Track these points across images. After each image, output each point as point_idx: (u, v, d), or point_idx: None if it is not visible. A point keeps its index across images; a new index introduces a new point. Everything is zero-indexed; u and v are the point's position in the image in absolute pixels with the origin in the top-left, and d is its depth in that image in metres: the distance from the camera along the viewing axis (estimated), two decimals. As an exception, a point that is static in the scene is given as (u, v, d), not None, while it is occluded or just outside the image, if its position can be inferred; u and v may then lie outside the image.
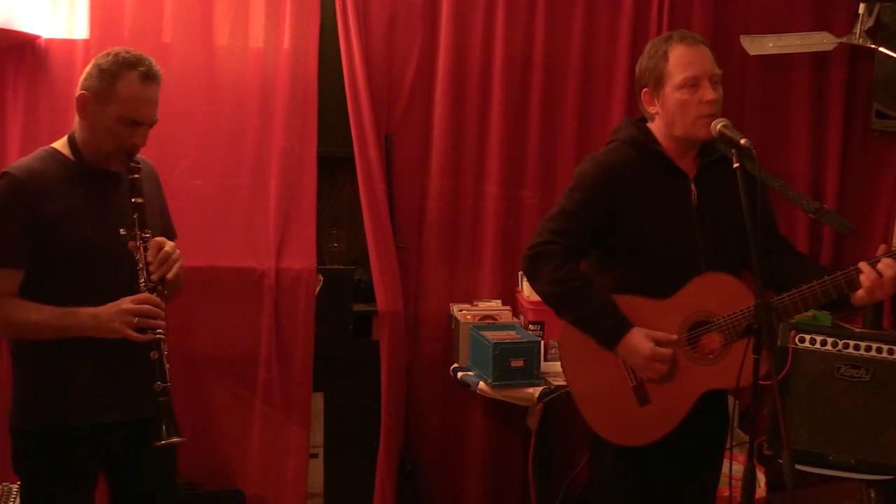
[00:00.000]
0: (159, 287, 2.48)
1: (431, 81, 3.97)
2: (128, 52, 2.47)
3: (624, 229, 2.62)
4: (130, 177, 2.49)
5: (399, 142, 3.96)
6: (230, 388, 3.80)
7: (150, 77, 2.46)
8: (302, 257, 3.80)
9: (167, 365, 2.45)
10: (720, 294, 2.55)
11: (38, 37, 3.55)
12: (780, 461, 2.19)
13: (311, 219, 3.82)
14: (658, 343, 2.56)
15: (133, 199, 2.48)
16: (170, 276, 2.51)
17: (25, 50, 3.56)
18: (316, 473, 3.94)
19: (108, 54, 2.47)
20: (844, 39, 3.96)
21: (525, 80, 4.02)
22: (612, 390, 2.66)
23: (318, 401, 3.92)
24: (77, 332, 2.40)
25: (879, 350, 3.36)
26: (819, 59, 4.16)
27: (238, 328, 3.78)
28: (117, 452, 2.56)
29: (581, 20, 4.03)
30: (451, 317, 3.98)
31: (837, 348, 3.39)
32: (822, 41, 3.98)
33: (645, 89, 2.66)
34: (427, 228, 4.02)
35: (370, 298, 3.89)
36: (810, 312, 3.60)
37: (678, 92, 2.56)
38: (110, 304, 2.41)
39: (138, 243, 2.47)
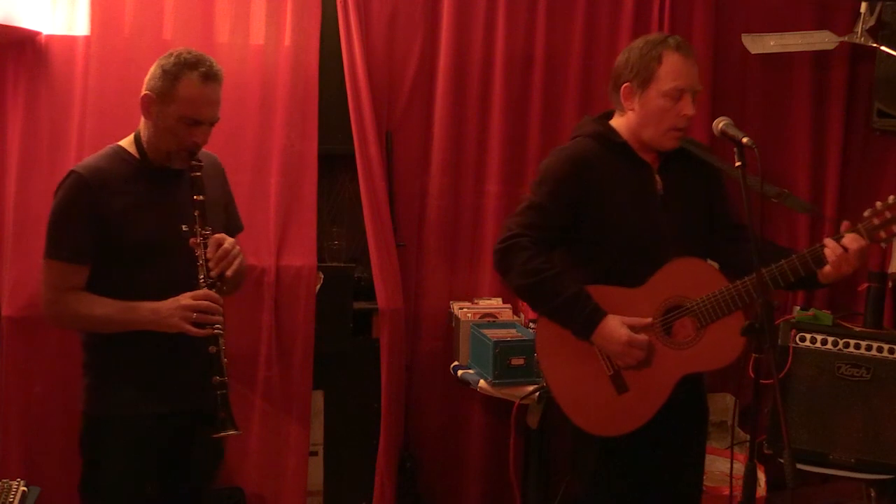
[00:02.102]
0: (218, 283, 2.55)
1: (432, 79, 3.96)
2: (189, 53, 2.53)
3: (592, 221, 2.65)
4: (191, 174, 2.56)
5: (400, 139, 3.95)
6: (230, 386, 3.78)
7: (210, 77, 2.52)
8: (302, 255, 3.79)
9: (225, 359, 2.53)
10: (691, 278, 2.58)
11: (38, 33, 3.54)
12: (781, 460, 2.19)
13: (312, 216, 3.82)
14: (633, 328, 2.58)
15: (194, 197, 2.55)
16: (229, 273, 2.58)
17: (26, 46, 3.55)
18: (316, 471, 3.93)
19: (171, 55, 2.53)
20: (846, 38, 3.96)
21: (526, 78, 4.01)
22: (590, 381, 2.67)
23: (318, 398, 3.92)
24: (138, 326, 2.49)
25: (880, 349, 3.37)
26: (820, 57, 4.16)
27: (238, 325, 3.76)
28: (174, 441, 2.64)
29: (582, 18, 4.02)
30: (451, 315, 3.98)
31: (838, 347, 3.40)
32: (823, 40, 3.98)
33: (627, 84, 2.65)
34: (427, 226, 4.02)
35: (370, 296, 3.89)
36: (810, 311, 3.62)
37: (662, 98, 2.58)
38: (170, 300, 2.50)
39: (199, 240, 2.54)
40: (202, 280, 2.53)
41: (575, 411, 2.71)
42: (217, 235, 2.58)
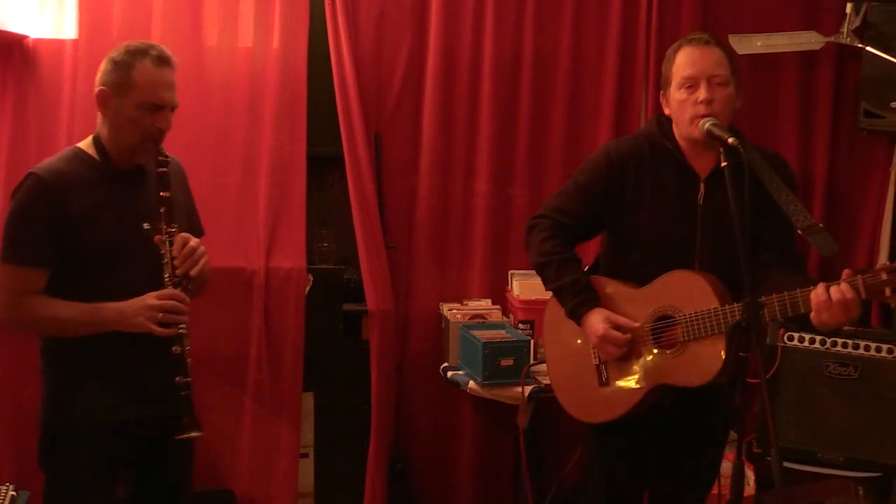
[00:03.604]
0: (183, 282, 2.52)
1: (421, 80, 3.97)
2: (137, 42, 2.52)
3: (622, 219, 2.69)
4: (158, 170, 2.53)
5: (388, 141, 3.96)
6: (220, 388, 3.79)
7: (163, 60, 2.50)
8: (291, 257, 3.79)
9: (189, 359, 2.50)
10: (685, 292, 2.57)
11: (26, 37, 3.54)
12: (769, 459, 2.20)
13: (301, 218, 3.82)
14: (619, 328, 2.62)
15: (160, 193, 2.52)
16: (193, 272, 2.54)
17: (13, 50, 3.55)
18: (306, 473, 3.93)
19: (119, 49, 2.51)
20: (832, 39, 3.98)
21: (514, 78, 4.02)
22: (579, 365, 2.78)
23: (308, 400, 3.92)
24: (103, 328, 2.44)
25: (867, 348, 3.37)
26: (807, 58, 4.17)
27: (228, 328, 3.77)
28: (140, 448, 2.59)
29: (570, 19, 4.03)
30: (440, 316, 3.98)
31: (826, 346, 3.41)
32: (810, 40, 4.00)
33: (661, 92, 2.72)
34: (417, 227, 4.02)
35: (360, 298, 3.89)
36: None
37: (678, 92, 2.60)
38: (135, 300, 2.46)
39: (164, 237, 2.50)
40: (167, 279, 2.49)
41: (560, 389, 2.87)
42: (182, 234, 2.54)
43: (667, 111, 2.70)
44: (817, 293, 2.31)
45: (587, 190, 2.72)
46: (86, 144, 2.56)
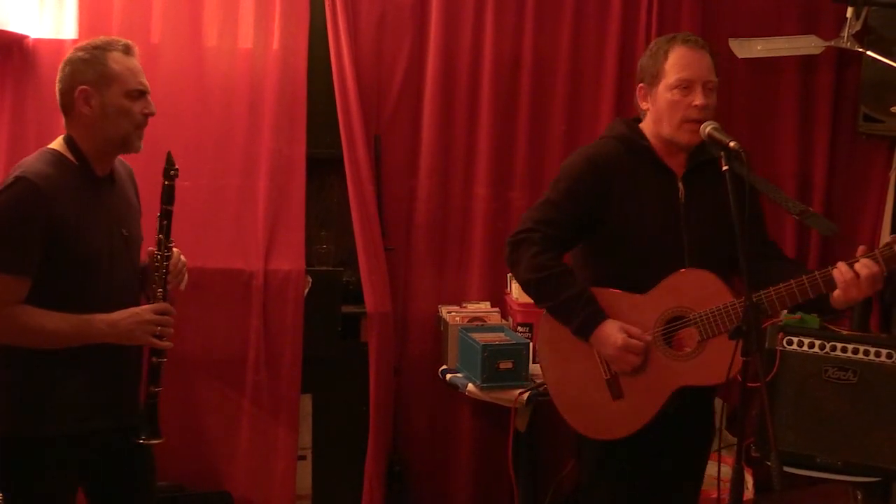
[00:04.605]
0: (168, 295, 2.55)
1: (420, 82, 3.97)
2: (95, 39, 2.51)
3: (608, 223, 2.65)
4: (165, 182, 2.54)
5: (388, 143, 3.96)
6: (218, 390, 3.79)
7: (129, 50, 2.51)
8: (290, 259, 3.79)
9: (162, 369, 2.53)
10: (697, 290, 2.56)
11: (26, 37, 3.53)
12: (768, 463, 2.19)
13: (300, 220, 3.82)
14: (631, 336, 2.57)
15: (164, 206, 2.54)
16: (182, 286, 2.59)
17: (13, 50, 3.55)
18: (304, 475, 3.93)
19: (79, 49, 2.50)
20: (832, 43, 3.97)
21: (514, 81, 4.02)
22: (587, 383, 2.69)
23: (306, 402, 3.92)
24: (93, 340, 2.41)
25: (867, 352, 3.37)
26: (807, 62, 4.17)
27: (226, 330, 3.77)
28: (100, 459, 2.55)
29: (570, 22, 4.03)
30: (439, 318, 3.98)
31: (825, 350, 3.40)
32: (809, 44, 4.00)
33: (641, 84, 2.69)
34: (416, 230, 4.02)
35: (359, 300, 3.89)
36: (797, 314, 3.63)
37: (670, 92, 2.59)
38: (127, 312, 2.45)
39: (164, 252, 2.52)
40: (160, 293, 2.52)
41: (569, 411, 2.75)
42: (175, 249, 2.59)
43: (644, 105, 2.68)
44: (841, 272, 2.37)
45: (574, 197, 2.66)
46: (60, 147, 2.49)
